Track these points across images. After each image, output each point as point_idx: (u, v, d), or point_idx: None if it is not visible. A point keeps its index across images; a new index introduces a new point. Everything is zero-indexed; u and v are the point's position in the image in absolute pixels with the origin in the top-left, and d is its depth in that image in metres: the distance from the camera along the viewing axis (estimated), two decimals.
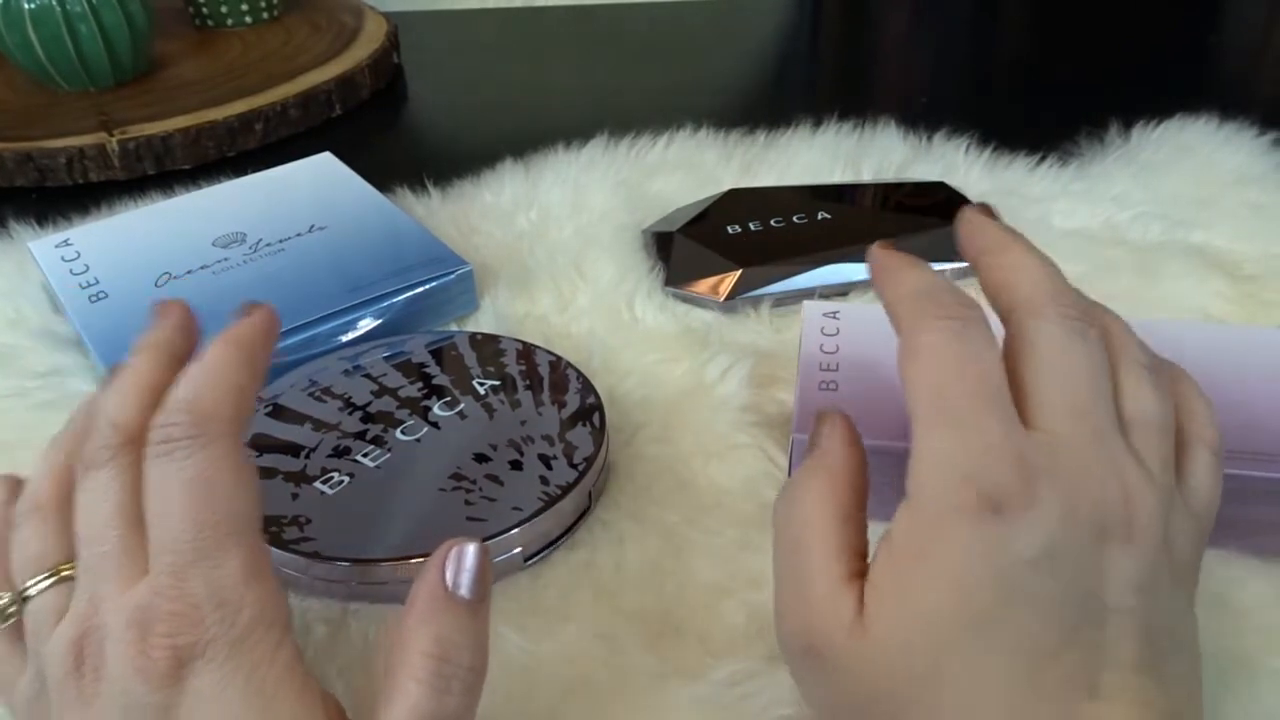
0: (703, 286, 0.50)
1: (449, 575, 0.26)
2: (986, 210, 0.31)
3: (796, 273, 0.50)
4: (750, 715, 0.31)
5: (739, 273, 0.50)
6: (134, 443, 0.26)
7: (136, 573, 0.25)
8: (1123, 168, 0.61)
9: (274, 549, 0.35)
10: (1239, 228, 0.55)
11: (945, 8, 0.96)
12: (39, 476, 0.30)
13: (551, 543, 0.37)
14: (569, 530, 0.38)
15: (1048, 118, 0.67)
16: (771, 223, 0.53)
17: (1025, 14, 0.96)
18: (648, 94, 0.77)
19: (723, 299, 0.49)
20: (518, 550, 0.36)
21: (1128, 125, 0.64)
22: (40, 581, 0.27)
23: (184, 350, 0.29)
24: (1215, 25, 0.89)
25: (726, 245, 0.51)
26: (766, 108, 0.71)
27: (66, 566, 0.27)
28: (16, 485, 0.31)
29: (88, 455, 0.27)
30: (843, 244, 0.51)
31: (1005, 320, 0.28)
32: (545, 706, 0.32)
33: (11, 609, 0.27)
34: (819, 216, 0.53)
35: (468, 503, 0.36)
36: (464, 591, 0.26)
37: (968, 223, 0.30)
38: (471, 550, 0.27)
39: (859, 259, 0.50)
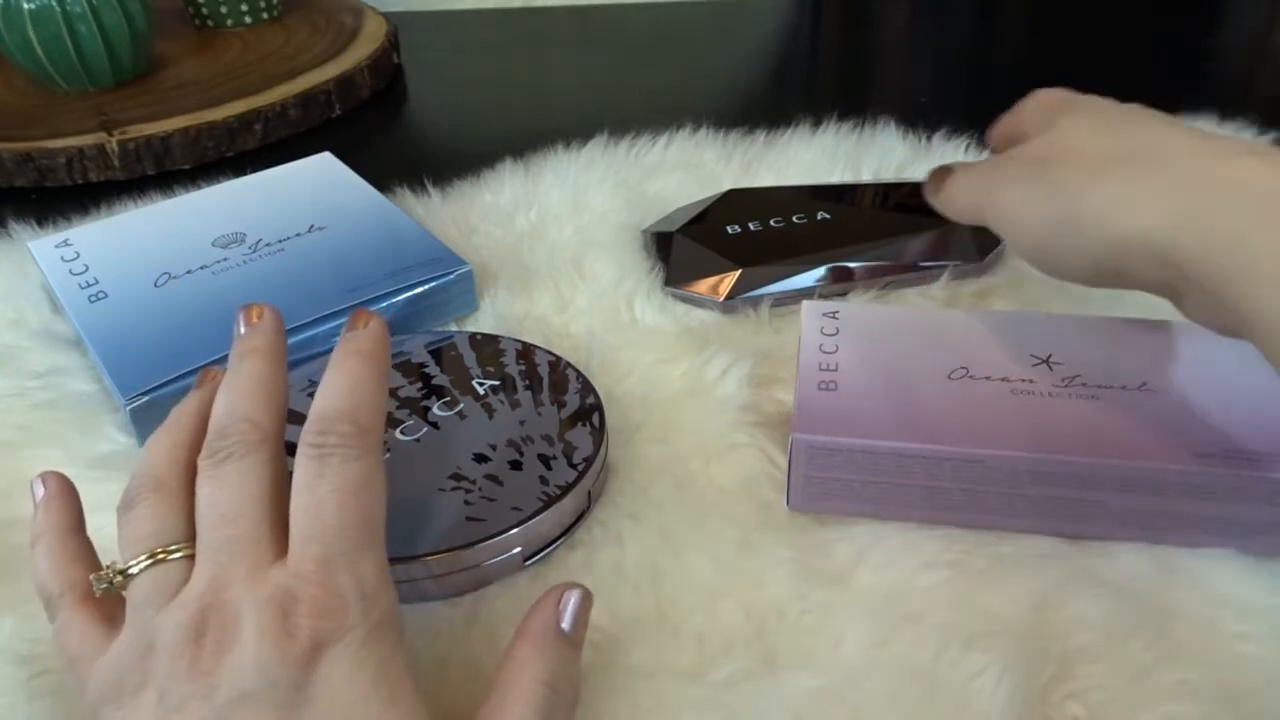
0: (702, 286, 0.50)
1: (561, 613, 0.30)
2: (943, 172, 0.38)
3: (796, 273, 0.50)
4: (750, 715, 0.31)
5: (738, 272, 0.49)
6: (269, 440, 0.29)
7: (267, 559, 0.27)
8: None
9: None
10: None
11: (945, 8, 0.96)
12: (155, 460, 0.31)
13: (551, 543, 0.37)
14: (568, 530, 0.38)
15: None
16: (771, 223, 0.52)
17: (1025, 14, 0.96)
18: (647, 94, 0.77)
19: (722, 299, 0.49)
20: (517, 550, 0.36)
21: None
22: (143, 560, 0.28)
23: (284, 351, 0.32)
24: (1215, 25, 0.89)
25: (726, 245, 0.51)
26: (766, 108, 0.71)
27: (171, 549, 0.28)
28: None
29: (222, 448, 0.29)
30: (842, 244, 0.51)
31: None
32: None
33: (116, 578, 0.28)
34: (818, 216, 0.53)
35: (467, 503, 0.36)
36: (567, 626, 0.30)
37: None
38: (578, 594, 0.31)
39: (860, 258, 0.50)
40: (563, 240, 0.55)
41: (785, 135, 0.65)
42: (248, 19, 0.82)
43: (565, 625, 0.30)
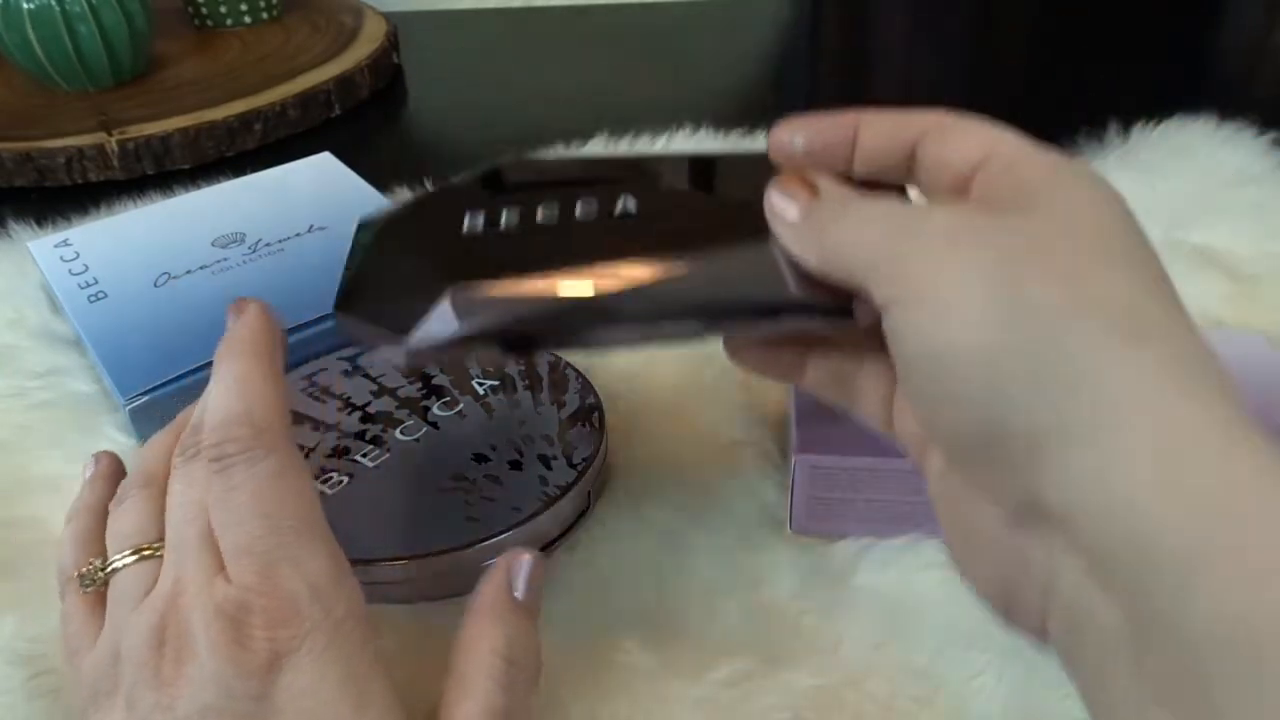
0: (389, 318, 0.30)
1: (513, 580, 0.29)
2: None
3: (544, 308, 0.29)
4: (750, 715, 0.31)
5: (446, 300, 0.28)
6: None
7: (219, 563, 0.26)
8: (1122, 168, 0.61)
9: None
10: (1239, 228, 0.55)
11: (945, 8, 0.96)
12: (149, 458, 0.31)
13: (551, 543, 0.37)
14: (568, 530, 0.38)
15: (1047, 118, 0.67)
16: (539, 214, 0.31)
17: (1024, 14, 0.96)
18: (647, 94, 0.77)
19: (411, 345, 0.28)
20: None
21: (1127, 125, 0.64)
22: (127, 556, 0.28)
23: (271, 345, 0.30)
24: (1215, 25, 0.89)
25: (451, 251, 0.31)
26: (766, 108, 0.71)
27: (151, 547, 0.28)
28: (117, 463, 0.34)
29: (184, 445, 0.28)
30: (640, 255, 0.29)
31: None
32: (545, 706, 0.32)
33: (99, 574, 0.28)
34: (618, 208, 0.31)
35: (467, 503, 0.36)
36: (520, 594, 0.29)
37: None
38: (529, 561, 0.29)
39: (662, 293, 0.28)
40: None
41: None
42: (247, 19, 0.82)
43: (519, 593, 0.29)
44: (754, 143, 0.65)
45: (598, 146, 0.64)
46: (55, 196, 0.63)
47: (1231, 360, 0.38)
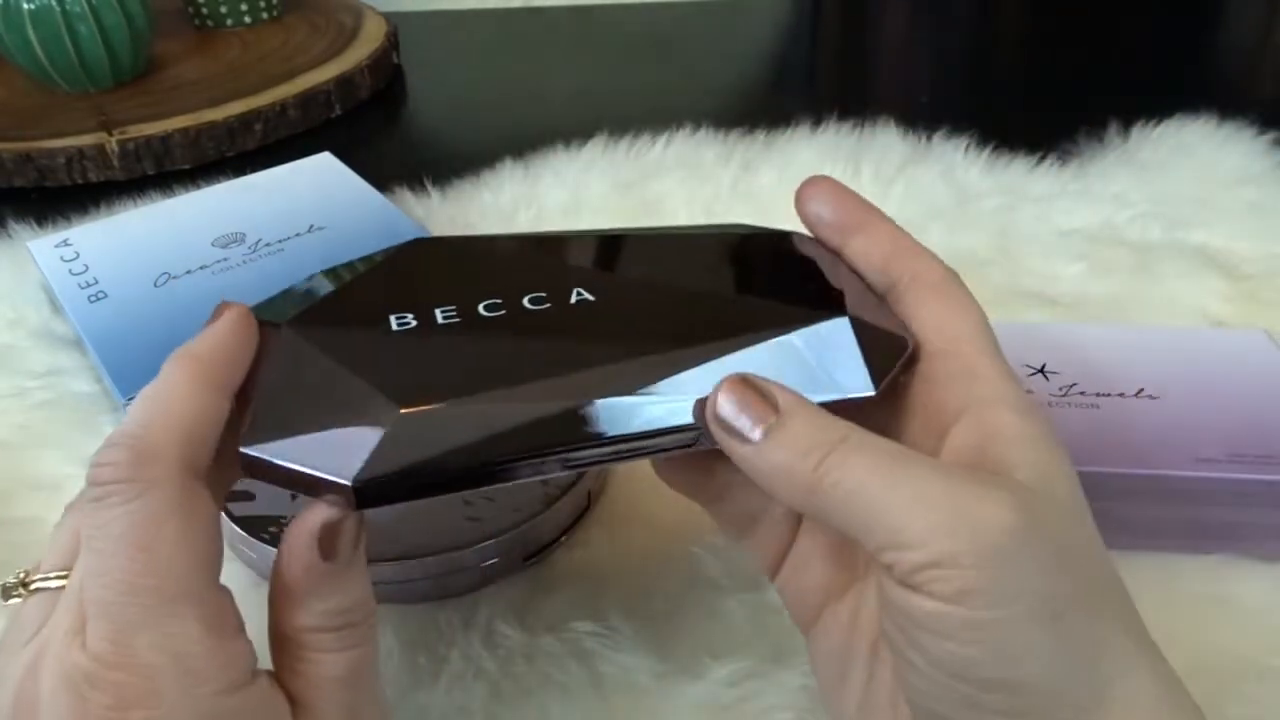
0: (315, 453, 0.23)
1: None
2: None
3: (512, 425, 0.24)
4: (750, 715, 0.31)
5: (392, 423, 0.23)
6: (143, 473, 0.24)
7: (83, 619, 0.22)
8: (1122, 167, 0.61)
9: (273, 549, 0.35)
10: (1238, 227, 0.55)
11: (945, 7, 0.96)
12: None
13: (551, 542, 0.37)
14: (568, 530, 0.38)
15: (1047, 117, 0.67)
16: (481, 308, 0.26)
17: (1025, 13, 0.96)
18: (647, 94, 0.77)
19: (351, 480, 0.23)
20: (517, 550, 0.36)
21: (1127, 125, 0.64)
22: (50, 579, 0.24)
23: (225, 362, 0.25)
24: (1215, 25, 0.89)
25: (383, 358, 0.25)
26: (766, 107, 0.71)
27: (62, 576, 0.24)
28: None
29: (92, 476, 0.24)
30: (602, 363, 0.25)
31: None
32: (545, 706, 0.32)
33: (19, 590, 0.25)
34: (573, 299, 0.27)
35: (467, 503, 0.36)
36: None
37: None
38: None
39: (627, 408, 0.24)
40: None
41: (785, 135, 0.65)
42: (247, 19, 0.82)
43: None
44: (750, 142, 0.65)
45: (597, 147, 0.64)
46: (55, 196, 0.63)
47: (1233, 358, 0.39)
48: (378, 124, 0.74)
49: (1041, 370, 0.39)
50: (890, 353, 0.26)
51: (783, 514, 0.28)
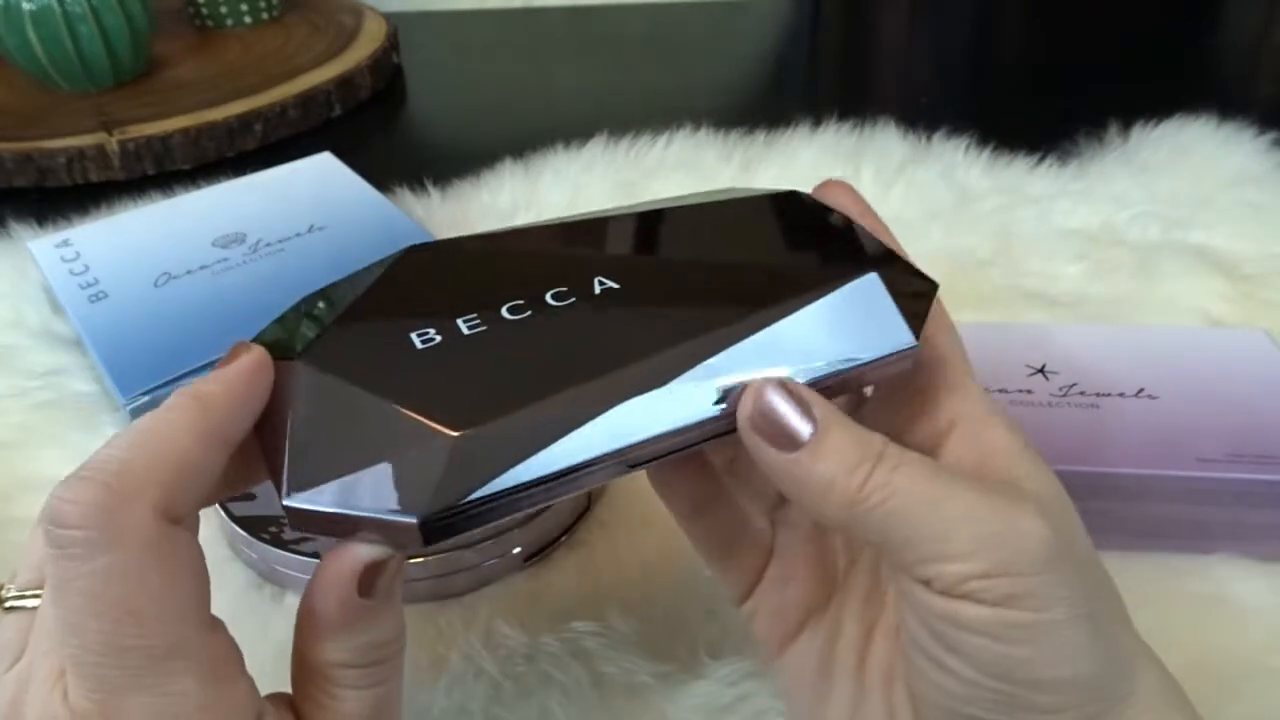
0: (365, 494, 0.21)
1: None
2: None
3: (550, 438, 0.22)
4: (749, 715, 0.31)
5: (449, 450, 0.21)
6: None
7: (62, 666, 0.20)
8: (1122, 167, 0.61)
9: (276, 550, 0.35)
10: (1238, 228, 0.55)
11: (945, 7, 0.96)
12: None
13: (551, 543, 0.37)
14: (568, 530, 0.38)
15: (1047, 117, 0.67)
16: (505, 311, 0.25)
17: (1024, 14, 0.96)
18: (647, 94, 0.77)
19: (421, 517, 0.21)
20: (517, 550, 0.36)
21: (1127, 125, 0.64)
22: (27, 596, 0.23)
23: (224, 412, 0.22)
24: (1215, 25, 0.89)
25: (416, 383, 0.23)
26: (766, 108, 0.71)
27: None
28: None
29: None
30: (643, 356, 0.23)
31: None
32: (545, 706, 0.32)
33: None
34: (596, 288, 0.25)
35: None
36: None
37: None
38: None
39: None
40: None
41: (785, 135, 0.65)
42: (247, 19, 0.82)
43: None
44: (750, 142, 0.65)
45: (598, 147, 0.64)
46: (56, 197, 0.63)
47: (1232, 358, 0.39)
48: (378, 124, 0.74)
49: (1041, 370, 0.39)
50: (920, 297, 0.25)
51: (762, 529, 0.28)
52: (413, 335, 0.24)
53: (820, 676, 0.27)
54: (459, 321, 0.24)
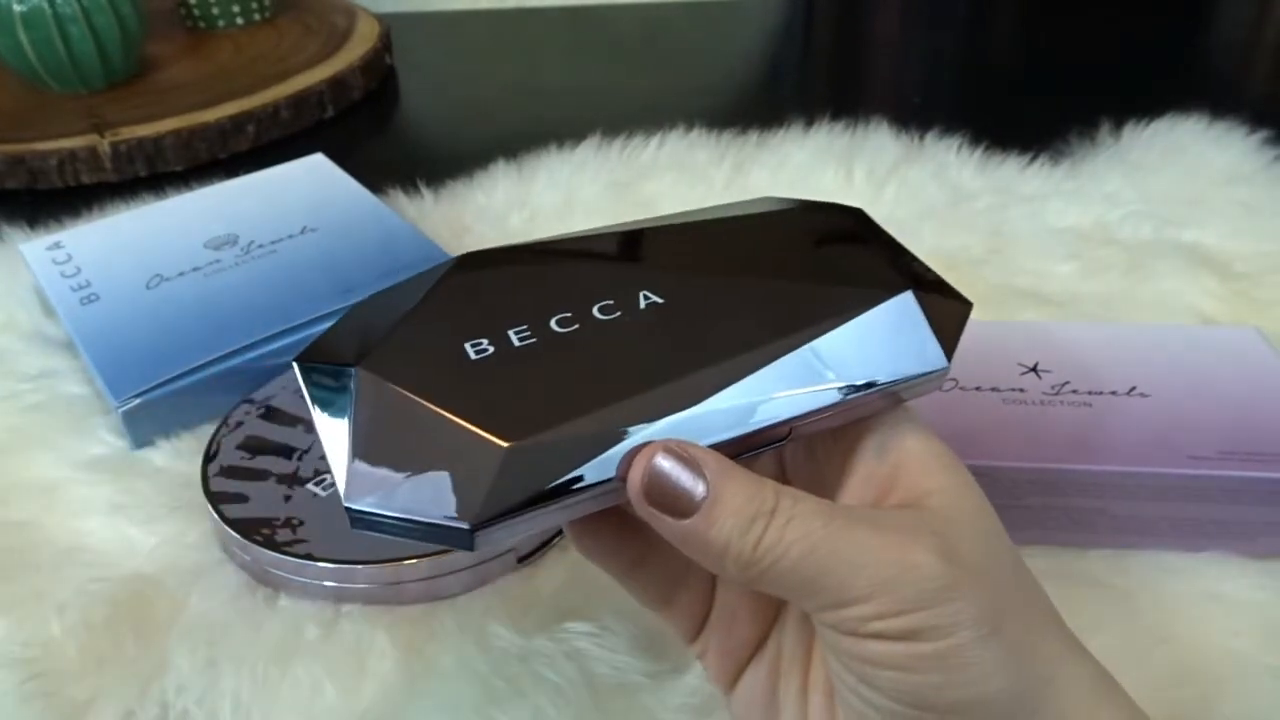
0: (426, 496, 0.23)
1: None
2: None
3: (604, 446, 0.23)
4: None
5: (501, 456, 0.23)
6: None
7: None
8: (1114, 167, 0.61)
9: (269, 552, 0.35)
10: (1229, 226, 0.55)
11: (937, 7, 0.96)
12: None
13: (546, 543, 0.37)
14: (561, 532, 0.38)
15: (1039, 117, 0.67)
16: (553, 324, 0.26)
17: (1017, 13, 0.96)
18: (640, 94, 0.77)
19: (473, 523, 0.22)
20: (511, 550, 0.36)
21: (1119, 124, 0.65)
22: None
23: None
24: (1206, 24, 0.89)
25: (473, 394, 0.24)
26: (758, 108, 0.71)
27: None
28: None
29: None
30: (703, 364, 0.24)
31: None
32: (539, 706, 0.32)
33: None
34: (641, 301, 0.26)
35: None
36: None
37: None
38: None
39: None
40: None
41: (778, 135, 0.65)
42: (239, 20, 0.82)
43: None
44: (743, 143, 0.65)
45: (590, 147, 0.64)
46: (47, 199, 0.63)
47: (1224, 356, 0.39)
48: (370, 125, 0.74)
49: (1034, 369, 0.39)
50: (953, 318, 0.26)
51: (701, 574, 0.28)
52: (467, 346, 0.25)
53: (768, 705, 0.27)
54: (510, 333, 0.25)
